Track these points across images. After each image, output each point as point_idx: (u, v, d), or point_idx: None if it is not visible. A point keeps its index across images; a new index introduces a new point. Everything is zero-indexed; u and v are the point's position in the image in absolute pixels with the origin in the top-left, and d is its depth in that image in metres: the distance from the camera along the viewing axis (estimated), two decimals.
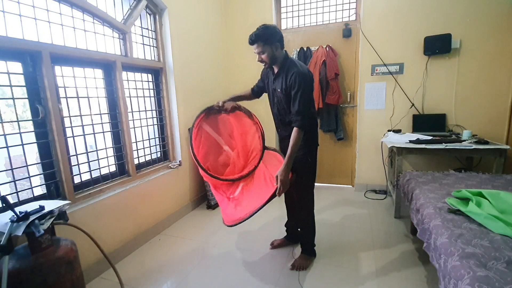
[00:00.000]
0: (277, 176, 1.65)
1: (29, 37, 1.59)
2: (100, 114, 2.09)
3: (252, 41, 1.66)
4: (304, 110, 1.66)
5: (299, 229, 2.04)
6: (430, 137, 2.58)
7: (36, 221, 1.20)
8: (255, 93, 2.06)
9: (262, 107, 3.55)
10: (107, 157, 2.12)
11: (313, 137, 1.86)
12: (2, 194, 1.43)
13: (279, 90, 1.76)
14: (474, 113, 2.86)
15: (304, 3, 3.40)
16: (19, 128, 1.57)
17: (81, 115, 1.91)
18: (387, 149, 3.12)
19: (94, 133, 2.02)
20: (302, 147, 1.77)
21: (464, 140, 2.48)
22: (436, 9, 2.81)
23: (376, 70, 3.11)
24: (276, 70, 1.78)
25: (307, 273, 1.85)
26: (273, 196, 1.62)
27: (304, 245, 1.99)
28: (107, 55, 2.07)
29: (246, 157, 2.15)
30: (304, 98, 1.65)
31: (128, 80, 2.27)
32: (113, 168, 2.19)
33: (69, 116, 1.83)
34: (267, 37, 1.64)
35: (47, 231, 1.25)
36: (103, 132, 2.09)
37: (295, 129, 1.67)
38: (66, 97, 1.81)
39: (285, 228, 2.22)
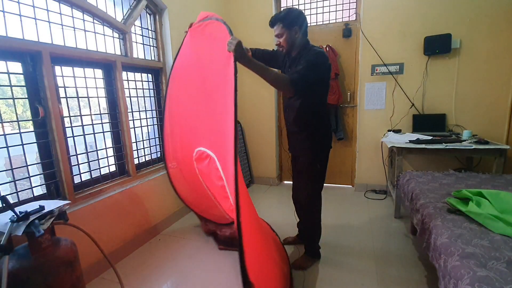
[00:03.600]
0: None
1: (29, 37, 1.59)
2: (100, 114, 2.09)
3: (271, 22, 1.62)
4: (305, 75, 1.50)
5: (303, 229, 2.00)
6: (430, 137, 2.58)
7: (36, 221, 1.20)
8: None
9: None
10: (107, 157, 2.13)
11: (322, 139, 1.74)
12: (2, 194, 1.43)
13: None
14: (474, 113, 2.86)
15: (304, 3, 3.40)
16: (19, 128, 1.57)
17: (81, 115, 1.91)
18: (387, 149, 3.12)
19: (94, 133, 2.02)
20: (308, 151, 1.71)
21: (464, 140, 2.48)
22: (436, 9, 2.81)
23: (376, 70, 3.11)
24: (293, 55, 1.69)
25: (306, 273, 1.85)
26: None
27: (307, 246, 1.95)
28: (107, 55, 2.07)
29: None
30: (310, 69, 1.51)
31: (128, 80, 2.27)
32: (113, 168, 2.19)
33: (69, 116, 1.84)
34: (287, 20, 1.57)
35: (47, 231, 1.25)
36: (103, 132, 2.09)
37: (287, 78, 1.51)
38: (66, 97, 1.81)
39: (298, 228, 2.18)
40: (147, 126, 2.54)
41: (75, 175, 1.87)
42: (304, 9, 3.42)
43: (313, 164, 1.74)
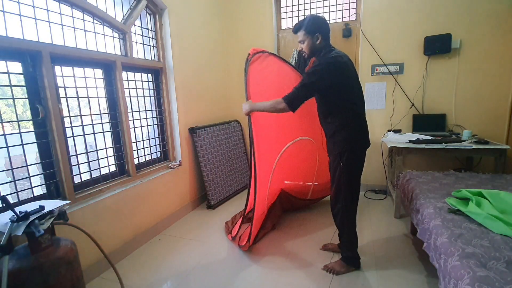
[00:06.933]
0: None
1: (29, 37, 1.59)
2: (100, 114, 2.09)
3: (295, 29, 1.67)
4: (299, 88, 1.59)
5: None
6: (430, 137, 2.58)
7: (36, 221, 1.20)
8: None
9: None
10: (107, 157, 2.12)
11: (350, 136, 1.68)
12: (2, 194, 1.43)
13: None
14: (474, 113, 2.86)
15: (304, 3, 3.40)
16: (19, 128, 1.57)
17: (81, 115, 1.91)
18: (387, 149, 3.12)
19: (94, 133, 2.02)
20: (333, 149, 1.71)
21: (464, 140, 2.48)
22: (436, 9, 2.81)
23: (376, 70, 3.11)
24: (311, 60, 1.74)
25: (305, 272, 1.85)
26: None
27: (342, 252, 1.89)
28: (107, 55, 2.07)
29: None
30: (308, 77, 1.57)
31: (128, 80, 2.27)
32: (113, 168, 2.19)
33: (69, 116, 1.84)
34: (309, 27, 1.62)
35: (47, 231, 1.25)
36: (103, 132, 2.09)
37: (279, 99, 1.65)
38: (66, 97, 1.81)
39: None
40: (147, 126, 2.54)
41: (75, 175, 1.87)
42: (304, 9, 3.42)
43: (336, 165, 1.71)
